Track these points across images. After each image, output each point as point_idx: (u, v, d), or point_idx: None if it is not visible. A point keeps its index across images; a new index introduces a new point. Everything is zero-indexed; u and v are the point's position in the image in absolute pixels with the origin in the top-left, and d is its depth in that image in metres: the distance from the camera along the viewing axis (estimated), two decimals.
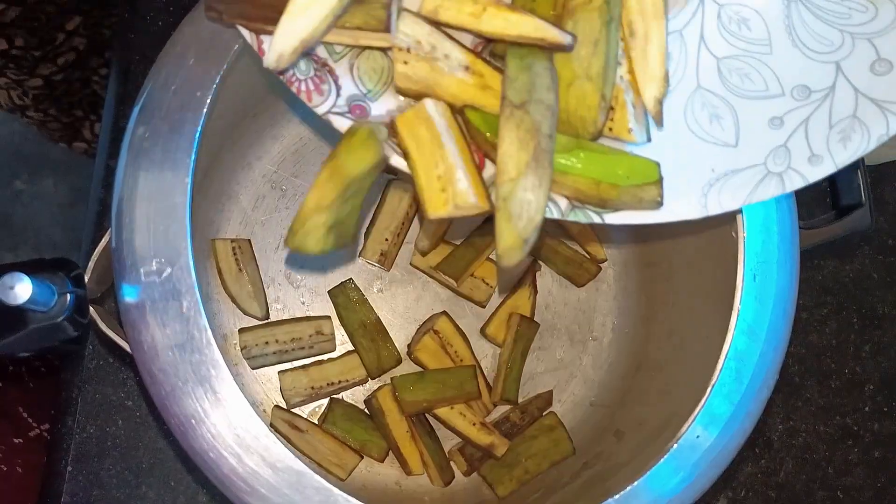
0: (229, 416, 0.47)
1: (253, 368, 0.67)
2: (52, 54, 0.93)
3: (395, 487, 0.68)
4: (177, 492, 0.67)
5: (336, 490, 0.47)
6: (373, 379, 0.69)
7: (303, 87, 0.46)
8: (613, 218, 0.47)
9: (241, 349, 0.66)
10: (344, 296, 0.69)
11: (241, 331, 0.66)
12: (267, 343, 0.66)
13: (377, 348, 0.68)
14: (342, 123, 0.47)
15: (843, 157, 0.46)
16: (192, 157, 0.49)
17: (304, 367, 0.68)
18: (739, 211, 0.54)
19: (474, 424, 0.67)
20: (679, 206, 0.48)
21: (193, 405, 0.47)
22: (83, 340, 0.49)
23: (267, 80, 0.58)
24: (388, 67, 0.48)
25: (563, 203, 0.47)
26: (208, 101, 0.50)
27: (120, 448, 0.67)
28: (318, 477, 0.47)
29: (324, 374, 0.68)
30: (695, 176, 0.48)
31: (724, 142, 0.48)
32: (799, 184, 0.46)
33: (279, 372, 0.67)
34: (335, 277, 0.70)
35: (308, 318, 0.69)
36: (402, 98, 0.48)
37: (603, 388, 0.71)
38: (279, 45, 0.43)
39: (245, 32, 0.45)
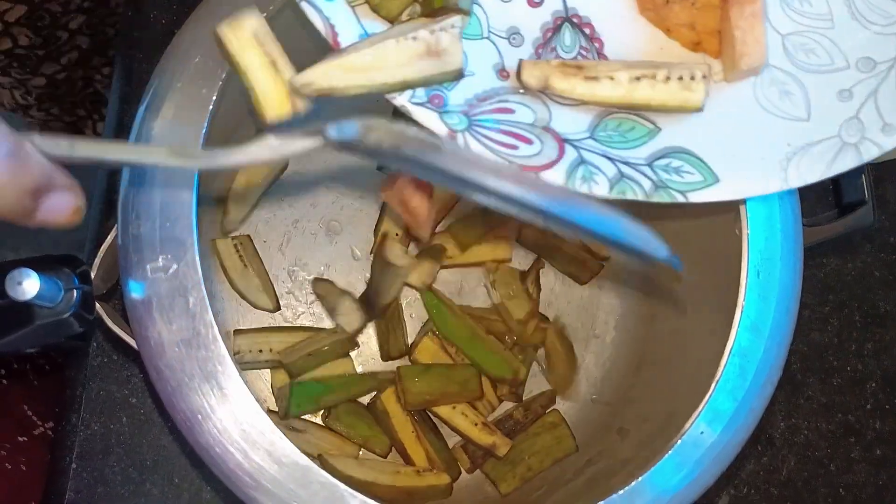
0: (235, 412, 0.47)
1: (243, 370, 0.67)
2: (55, 53, 0.93)
3: None
4: (181, 489, 0.67)
5: (342, 485, 0.47)
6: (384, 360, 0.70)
7: None
8: (698, 196, 0.49)
9: (235, 353, 0.66)
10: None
11: (237, 332, 0.67)
12: (261, 351, 0.66)
13: (387, 332, 0.69)
14: (422, 114, 0.47)
15: None
16: None
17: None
18: (743, 202, 0.55)
19: (476, 424, 0.67)
20: (758, 181, 0.49)
21: (199, 401, 0.47)
22: (89, 337, 0.49)
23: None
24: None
25: (647, 184, 0.48)
26: (214, 97, 0.50)
27: (124, 445, 0.67)
28: (324, 472, 0.47)
29: (314, 375, 0.68)
30: (772, 151, 0.49)
31: (797, 116, 0.49)
32: (875, 153, 0.48)
33: (271, 369, 0.68)
34: (339, 276, 0.71)
35: (305, 329, 0.69)
36: (479, 89, 0.48)
37: (606, 385, 0.71)
38: (313, 77, 0.43)
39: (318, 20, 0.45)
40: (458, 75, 0.46)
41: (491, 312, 0.70)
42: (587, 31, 0.51)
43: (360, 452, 0.67)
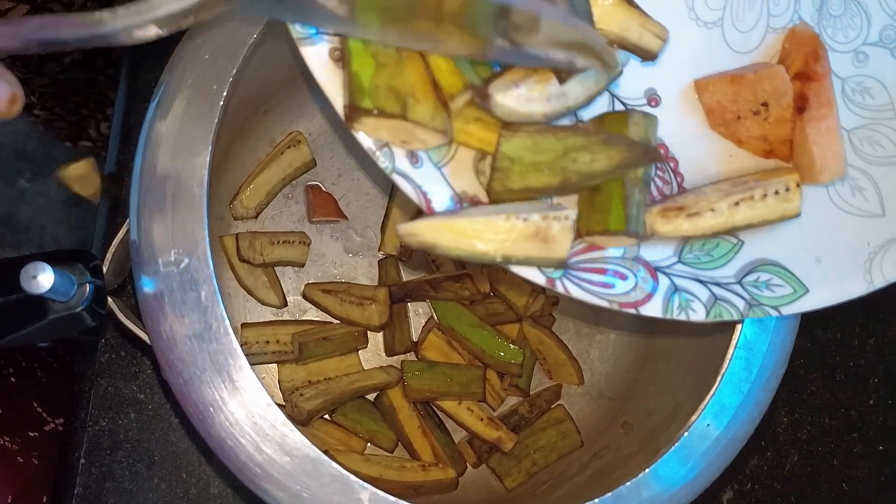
0: (247, 404, 0.47)
1: (251, 364, 0.68)
2: (58, 53, 0.94)
3: None
4: (189, 483, 0.67)
5: (352, 477, 0.48)
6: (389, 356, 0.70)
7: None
8: (790, 309, 0.49)
9: (242, 345, 0.66)
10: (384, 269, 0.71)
11: (244, 326, 0.67)
12: (268, 342, 0.67)
13: (393, 329, 0.69)
14: (522, 270, 0.45)
15: None
16: (210, 149, 0.49)
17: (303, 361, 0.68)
18: None
19: (482, 420, 0.68)
20: (844, 286, 0.49)
21: (211, 393, 0.47)
22: (101, 331, 0.50)
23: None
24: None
25: (741, 304, 0.48)
26: (224, 94, 0.50)
27: (132, 441, 0.67)
28: (334, 464, 0.48)
29: (322, 368, 0.68)
30: (853, 253, 0.49)
31: (872, 213, 0.49)
32: None
33: (279, 364, 0.68)
34: (344, 271, 0.71)
35: (312, 322, 0.69)
36: None
37: (611, 380, 0.71)
38: (419, 230, 0.42)
39: (409, 189, 0.44)
40: (561, 264, 0.45)
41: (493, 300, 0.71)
42: (661, 151, 0.50)
43: (367, 447, 0.68)
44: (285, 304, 0.69)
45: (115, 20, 0.36)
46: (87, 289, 0.47)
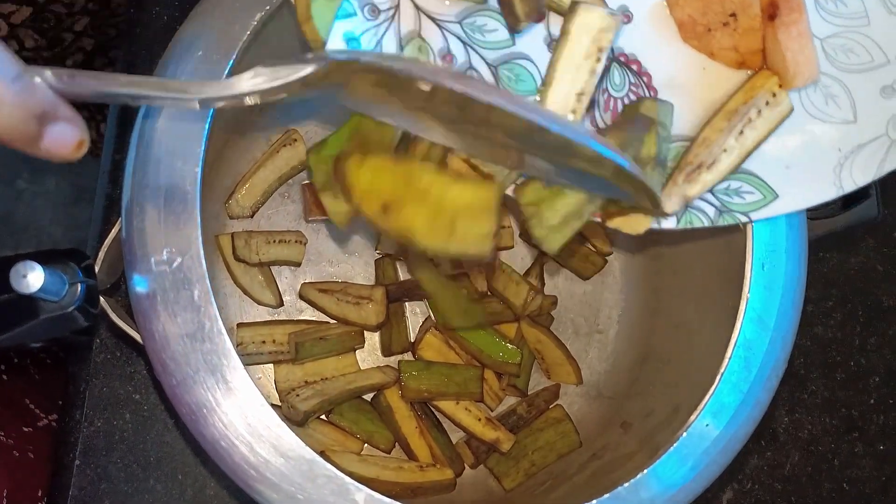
0: (240, 405, 0.47)
1: (246, 365, 0.67)
2: (60, 55, 0.93)
3: None
4: (184, 485, 0.67)
5: (348, 478, 0.47)
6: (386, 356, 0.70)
7: None
8: (759, 214, 0.51)
9: (238, 345, 0.66)
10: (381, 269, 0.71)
11: (240, 326, 0.66)
12: (264, 342, 0.66)
13: (390, 328, 0.69)
14: None
15: None
16: (202, 146, 0.49)
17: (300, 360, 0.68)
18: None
19: (479, 420, 0.67)
20: (814, 191, 0.51)
21: (204, 394, 0.47)
22: (93, 331, 0.49)
23: None
24: None
25: (712, 211, 0.50)
26: None
27: (127, 442, 0.67)
28: (329, 465, 0.47)
29: (319, 368, 0.68)
30: (824, 159, 0.50)
31: (844, 119, 0.50)
32: None
33: (275, 365, 0.67)
34: (341, 270, 0.70)
35: (309, 322, 0.69)
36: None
37: (609, 379, 0.71)
38: None
39: None
40: None
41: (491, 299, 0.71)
42: (634, 67, 0.52)
43: (364, 448, 0.67)
44: (281, 304, 0.69)
45: (200, 91, 0.39)
46: (79, 288, 0.47)
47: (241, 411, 0.47)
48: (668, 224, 0.50)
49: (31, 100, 0.36)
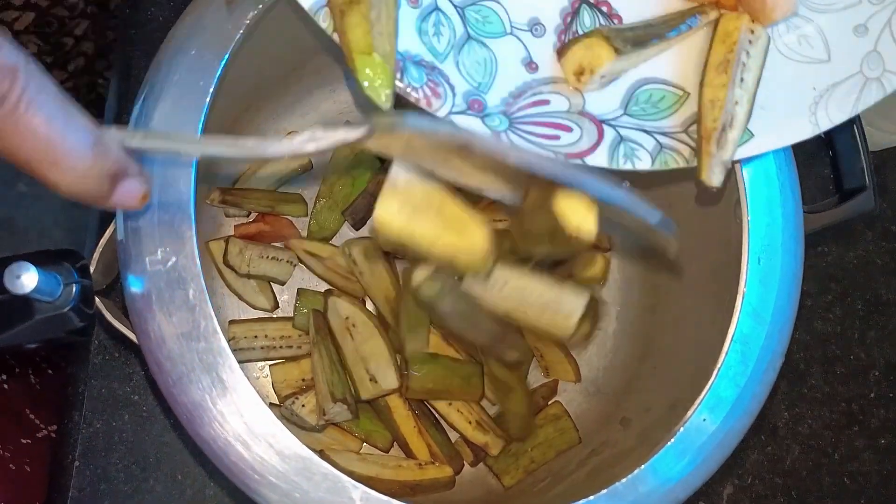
0: (236, 404, 0.47)
1: (240, 362, 0.67)
2: (62, 60, 0.93)
3: None
4: (184, 485, 0.67)
5: (344, 476, 0.47)
6: None
7: (420, 95, 0.47)
8: (736, 153, 0.50)
9: (230, 340, 0.66)
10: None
11: (231, 323, 0.66)
12: (256, 337, 0.66)
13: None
14: (465, 122, 0.48)
15: None
16: None
17: (296, 359, 0.67)
18: (743, 190, 0.55)
19: (470, 423, 0.67)
20: (791, 129, 0.51)
21: (200, 393, 0.47)
22: (89, 331, 0.49)
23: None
24: (490, 58, 0.50)
25: (687, 151, 0.50)
26: (211, 89, 0.50)
27: (127, 442, 0.67)
28: (325, 464, 0.47)
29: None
30: (799, 98, 0.51)
31: (817, 58, 0.51)
32: None
33: (270, 365, 0.67)
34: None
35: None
36: (512, 86, 0.49)
37: (608, 376, 0.71)
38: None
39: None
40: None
41: None
42: (604, 8, 0.52)
43: (363, 447, 0.67)
44: (276, 307, 0.69)
45: (270, 149, 0.41)
46: (74, 289, 0.47)
47: (237, 410, 0.47)
48: (643, 165, 0.50)
49: (106, 163, 0.38)
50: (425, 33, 0.49)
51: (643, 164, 0.50)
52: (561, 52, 0.50)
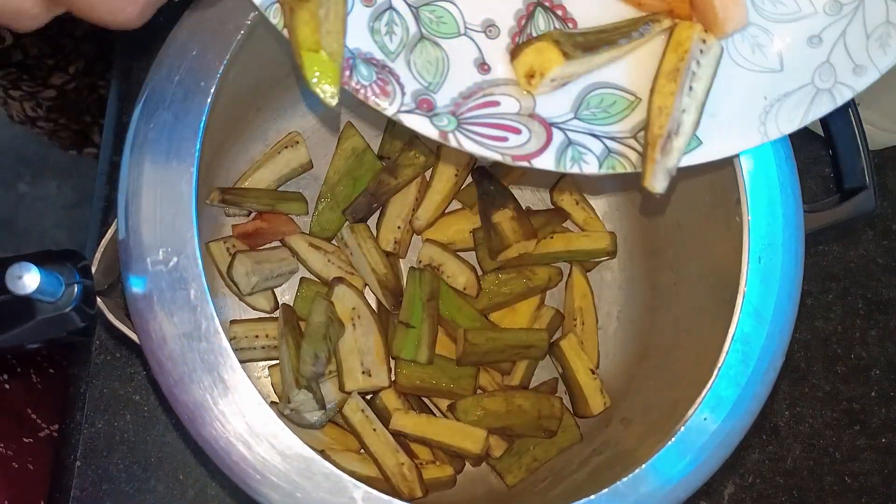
0: (238, 404, 0.47)
1: (241, 362, 0.67)
2: (63, 63, 0.93)
3: None
4: (185, 485, 0.67)
5: (345, 476, 0.47)
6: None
7: (369, 93, 0.47)
8: (684, 161, 0.50)
9: (231, 339, 0.65)
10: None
11: (232, 323, 0.66)
12: (257, 337, 0.66)
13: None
14: (413, 121, 0.48)
15: (884, 62, 0.49)
16: (198, 145, 0.49)
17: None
18: (744, 188, 0.55)
19: None
20: (739, 138, 0.51)
21: (202, 393, 0.47)
22: (91, 331, 0.49)
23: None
24: (442, 59, 0.49)
25: (634, 156, 0.50)
26: (212, 90, 0.50)
27: (128, 442, 0.67)
28: (327, 463, 0.47)
29: None
30: (749, 106, 0.51)
31: (770, 68, 0.50)
32: (848, 95, 0.49)
33: (269, 367, 0.67)
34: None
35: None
36: (462, 86, 0.49)
37: (609, 375, 0.71)
38: None
39: None
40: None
41: None
42: (559, 12, 0.52)
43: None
44: (276, 308, 0.69)
45: None
46: (76, 289, 0.47)
47: (238, 410, 0.47)
48: (590, 169, 0.50)
49: None
50: (378, 32, 0.49)
51: (590, 168, 0.50)
52: (513, 54, 0.50)
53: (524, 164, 0.49)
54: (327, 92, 0.45)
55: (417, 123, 0.48)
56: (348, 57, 0.47)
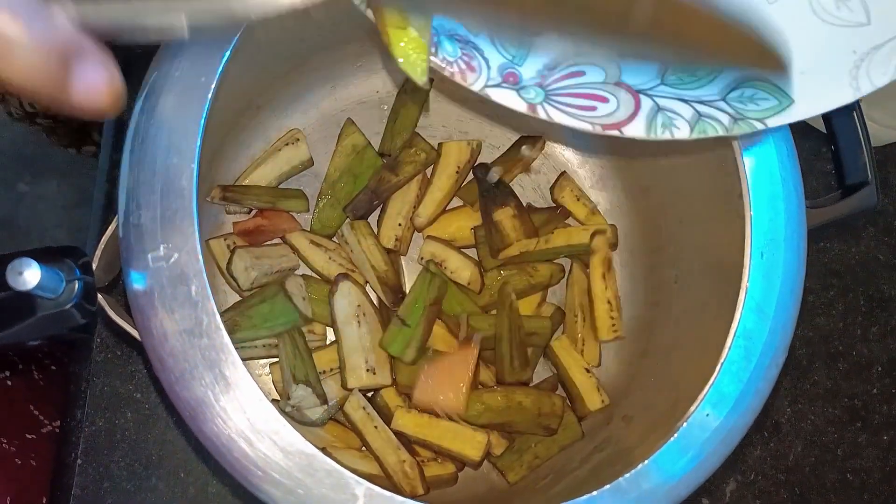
0: (239, 400, 0.47)
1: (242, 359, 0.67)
2: None
3: None
4: (186, 483, 0.67)
5: (347, 472, 0.47)
6: None
7: (455, 69, 0.47)
8: (776, 120, 0.50)
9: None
10: None
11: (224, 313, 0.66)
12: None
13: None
14: (500, 95, 0.48)
15: None
16: (198, 141, 0.48)
17: None
18: (746, 185, 0.55)
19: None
20: (831, 94, 0.50)
21: (203, 390, 0.47)
22: (91, 328, 0.49)
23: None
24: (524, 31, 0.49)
25: (726, 119, 0.50)
26: (213, 86, 0.50)
27: (129, 440, 0.67)
28: (329, 460, 0.47)
29: (317, 362, 0.67)
30: (839, 63, 0.50)
31: (857, 22, 0.50)
32: None
33: (270, 364, 0.67)
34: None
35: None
36: (546, 58, 0.49)
37: (610, 372, 0.71)
38: None
39: None
40: None
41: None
42: None
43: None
44: None
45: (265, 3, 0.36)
46: (77, 285, 0.47)
47: (239, 407, 0.47)
48: (682, 134, 0.50)
49: (49, 34, 0.31)
50: None
51: (681, 133, 0.49)
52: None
53: (614, 132, 0.49)
54: (417, 69, 0.44)
55: (505, 97, 0.48)
56: (432, 33, 0.46)
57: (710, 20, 0.42)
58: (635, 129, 0.49)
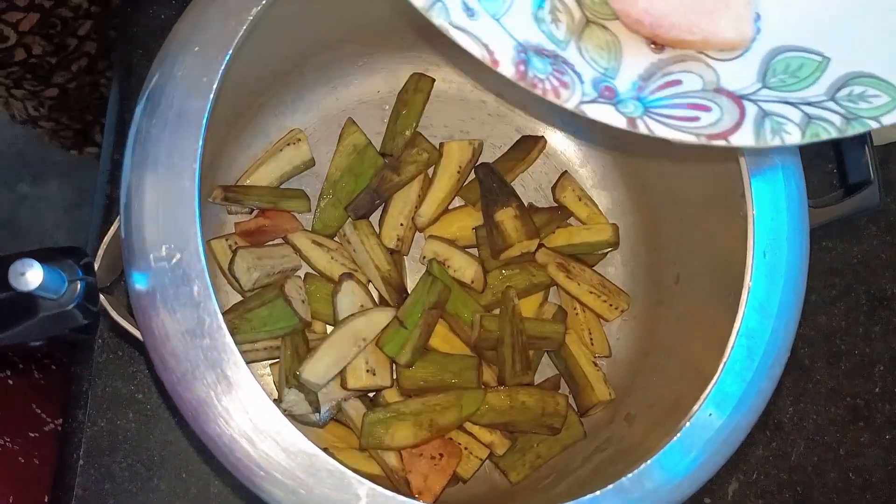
0: (241, 401, 0.47)
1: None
2: (65, 61, 0.93)
3: None
4: (188, 483, 0.67)
5: (349, 473, 0.47)
6: None
7: (548, 86, 0.44)
8: (891, 118, 0.47)
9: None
10: None
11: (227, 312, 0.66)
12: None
13: None
14: (597, 111, 0.45)
15: None
16: (200, 141, 0.48)
17: None
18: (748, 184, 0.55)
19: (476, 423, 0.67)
20: None
21: (205, 390, 0.47)
22: (93, 329, 0.49)
23: None
24: (613, 42, 0.47)
25: (838, 119, 0.47)
26: (215, 86, 0.50)
27: (131, 441, 0.67)
28: (331, 460, 0.47)
29: None
30: None
31: None
32: None
33: (270, 364, 0.67)
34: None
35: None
36: (640, 68, 0.47)
37: (612, 371, 0.70)
38: None
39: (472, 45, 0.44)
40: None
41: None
42: None
43: None
44: None
45: None
46: (79, 286, 0.47)
47: (242, 407, 0.47)
48: (793, 140, 0.46)
49: None
50: (542, 21, 0.46)
51: (793, 138, 0.46)
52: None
53: (721, 142, 0.46)
54: None
55: (602, 113, 0.45)
56: (520, 50, 0.44)
57: None
58: (743, 138, 0.46)
